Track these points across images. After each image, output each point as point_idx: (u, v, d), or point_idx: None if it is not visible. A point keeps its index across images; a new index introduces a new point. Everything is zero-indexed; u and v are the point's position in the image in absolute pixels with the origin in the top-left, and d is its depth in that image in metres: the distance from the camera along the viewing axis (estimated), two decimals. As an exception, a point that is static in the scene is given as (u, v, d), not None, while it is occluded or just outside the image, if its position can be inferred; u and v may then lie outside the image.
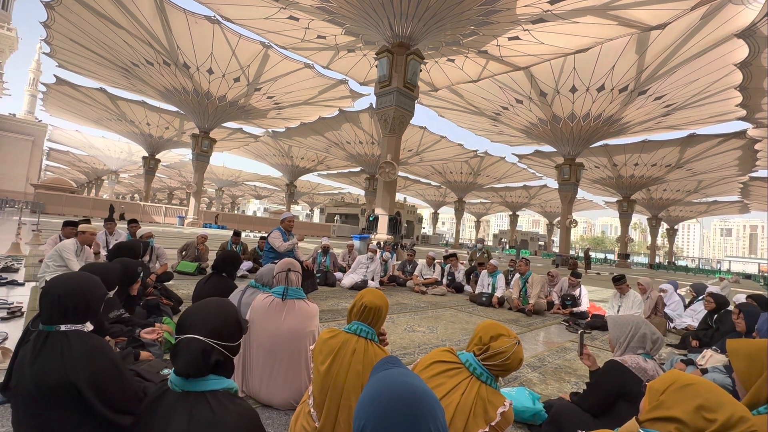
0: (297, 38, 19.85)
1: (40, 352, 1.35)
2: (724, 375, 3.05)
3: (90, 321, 1.51)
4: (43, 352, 1.35)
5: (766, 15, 13.55)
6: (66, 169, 67.95)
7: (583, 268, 21.49)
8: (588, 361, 2.17)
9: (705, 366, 3.34)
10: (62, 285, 1.45)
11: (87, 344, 1.40)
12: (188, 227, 28.36)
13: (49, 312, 1.40)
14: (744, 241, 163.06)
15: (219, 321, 1.17)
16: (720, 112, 22.16)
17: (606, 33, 16.79)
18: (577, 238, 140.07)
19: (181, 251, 7.32)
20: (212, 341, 1.13)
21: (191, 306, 1.28)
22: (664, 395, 1.08)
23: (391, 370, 0.80)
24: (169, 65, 23.46)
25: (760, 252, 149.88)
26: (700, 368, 3.30)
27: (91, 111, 33.58)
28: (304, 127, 34.03)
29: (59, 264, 4.31)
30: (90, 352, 1.38)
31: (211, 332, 1.14)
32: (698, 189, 38.34)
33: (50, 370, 1.32)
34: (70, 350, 1.35)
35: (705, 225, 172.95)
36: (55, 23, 20.02)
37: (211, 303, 1.25)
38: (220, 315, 1.18)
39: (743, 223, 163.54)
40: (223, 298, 1.30)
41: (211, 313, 1.20)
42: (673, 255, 57.42)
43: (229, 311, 1.21)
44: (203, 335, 1.13)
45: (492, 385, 1.52)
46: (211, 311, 1.21)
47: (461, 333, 4.37)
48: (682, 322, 5.67)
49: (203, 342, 1.12)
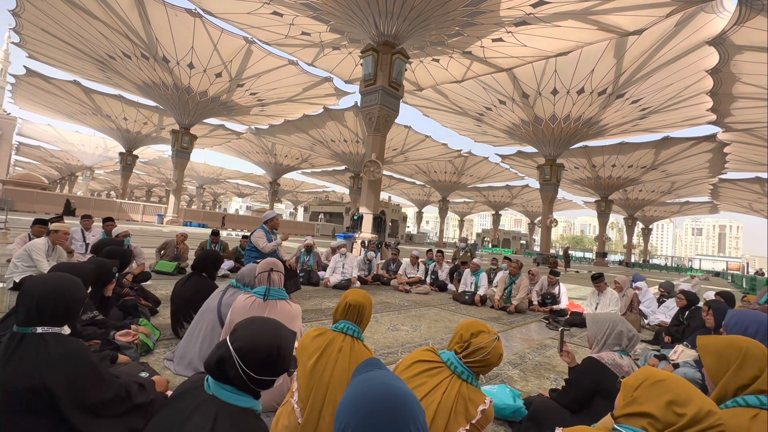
0: (281, 34, 19.57)
1: (13, 354, 1.30)
2: (694, 369, 3.17)
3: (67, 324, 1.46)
4: (17, 354, 1.30)
5: (736, 23, 14.16)
6: (37, 165, 65.14)
7: (562, 267, 22.01)
8: (567, 358, 2.23)
9: (677, 361, 3.47)
10: (42, 285, 1.40)
11: (64, 347, 1.35)
12: (168, 225, 27.63)
13: (26, 313, 1.35)
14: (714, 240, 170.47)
15: (251, 344, 1.09)
16: (692, 116, 23.06)
17: (586, 37, 17.22)
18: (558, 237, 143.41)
19: (159, 250, 7.13)
20: (236, 358, 1.07)
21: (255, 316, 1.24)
22: (637, 391, 1.12)
23: (372, 372, 0.80)
24: (147, 59, 22.76)
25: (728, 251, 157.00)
26: (672, 363, 3.42)
27: (65, 104, 32.25)
28: (288, 125, 33.63)
29: (28, 264, 4.13)
30: (68, 355, 1.34)
31: (239, 349, 1.08)
32: (671, 190, 39.85)
33: (24, 373, 1.26)
34: (47, 353, 1.30)
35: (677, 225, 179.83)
36: (25, 12, 19.12)
37: (259, 323, 1.18)
38: (255, 341, 1.10)
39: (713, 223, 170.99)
40: (283, 330, 1.19)
41: (252, 333, 1.13)
42: (648, 253, 59.47)
43: (268, 343, 1.11)
44: (234, 347, 1.08)
45: (473, 383, 1.53)
46: (254, 332, 1.13)
47: (444, 331, 4.41)
48: (656, 319, 5.89)
49: (229, 351, 1.08)
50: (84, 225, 6.01)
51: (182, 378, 2.41)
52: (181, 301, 3.19)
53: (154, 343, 2.96)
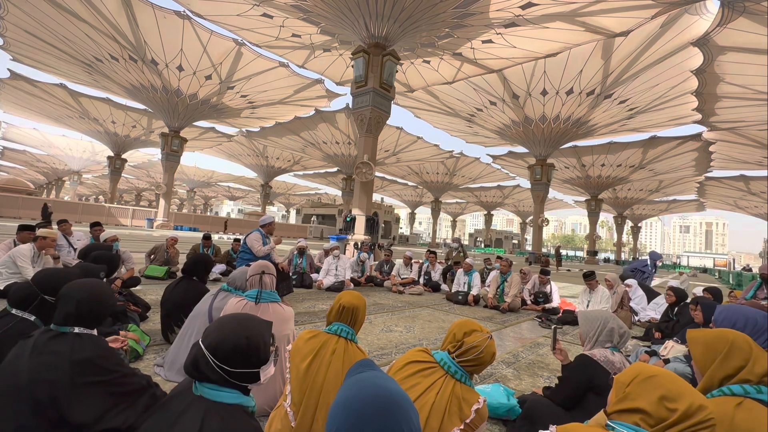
0: (271, 36, 19.48)
1: (45, 346, 1.41)
2: (684, 364, 3.22)
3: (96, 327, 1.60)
4: (50, 347, 1.41)
5: (718, 25, 14.48)
6: (23, 170, 63.79)
7: (554, 266, 22.20)
8: (560, 356, 2.24)
9: (667, 356, 3.52)
10: (82, 290, 1.54)
11: (97, 345, 1.49)
12: (158, 229, 27.27)
13: (65, 314, 1.47)
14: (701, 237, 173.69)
15: (218, 338, 1.11)
16: (678, 116, 23.49)
17: (574, 38, 17.45)
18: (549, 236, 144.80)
19: (149, 254, 7.03)
20: (208, 354, 1.08)
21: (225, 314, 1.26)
22: (629, 387, 1.12)
23: (364, 373, 0.79)
24: (135, 61, 22.47)
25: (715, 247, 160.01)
26: (663, 359, 3.47)
27: (51, 108, 31.66)
28: (280, 127, 33.46)
29: (13, 271, 4.04)
30: (102, 354, 1.47)
31: (208, 346, 1.09)
32: (659, 188, 40.53)
33: (54, 365, 1.36)
34: (82, 350, 1.43)
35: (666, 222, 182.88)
36: (8, 13, 18.73)
37: (226, 319, 1.20)
38: (222, 334, 1.12)
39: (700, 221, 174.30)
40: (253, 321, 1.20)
41: (219, 328, 1.14)
42: (638, 251, 60.33)
43: (233, 334, 1.12)
44: (204, 344, 1.10)
45: (466, 382, 1.53)
46: (221, 326, 1.15)
47: (438, 332, 4.41)
48: (646, 315, 5.96)
49: (201, 350, 1.09)
50: (63, 230, 5.89)
51: (173, 384, 2.37)
52: (172, 305, 3.15)
53: (144, 348, 2.90)
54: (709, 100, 19.34)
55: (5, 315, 1.88)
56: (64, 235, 5.86)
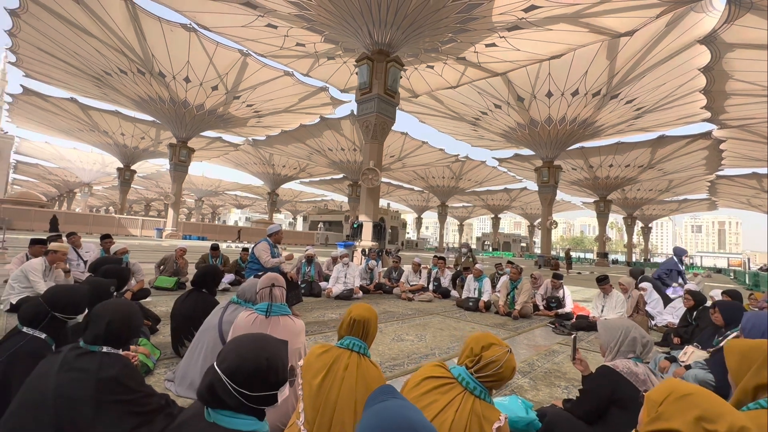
0: (276, 46, 19.71)
1: (74, 363, 1.44)
2: (705, 371, 3.12)
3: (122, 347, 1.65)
4: (78, 364, 1.44)
5: (725, 22, 14.30)
6: (35, 183, 65.08)
7: (564, 269, 21.91)
8: (580, 366, 2.16)
9: (687, 362, 3.41)
10: (115, 311, 1.59)
11: (124, 365, 1.52)
12: (167, 239, 27.52)
13: (95, 334, 1.52)
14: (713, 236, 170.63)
15: (236, 362, 1.06)
16: (687, 114, 23.19)
17: (578, 40, 17.37)
18: (558, 239, 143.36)
19: (159, 265, 7.06)
20: (225, 379, 1.03)
21: (240, 335, 1.21)
22: (662, 406, 1.06)
23: (388, 402, 0.75)
24: (143, 74, 22.88)
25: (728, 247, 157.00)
26: (683, 365, 3.37)
27: (62, 122, 32.34)
28: (285, 135, 33.74)
29: (25, 285, 4.07)
30: (128, 374, 1.51)
31: (226, 370, 1.05)
32: (669, 188, 39.95)
33: (80, 383, 1.40)
34: (109, 369, 1.46)
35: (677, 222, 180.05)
36: (21, 31, 19.25)
37: (241, 340, 1.15)
38: (240, 357, 1.07)
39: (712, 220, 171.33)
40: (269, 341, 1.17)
41: (235, 350, 1.10)
42: (649, 252, 59.42)
43: (252, 356, 1.08)
44: (221, 369, 1.05)
45: (486, 399, 1.48)
46: (237, 349, 1.10)
47: (450, 340, 4.33)
48: (663, 320, 5.81)
49: (217, 375, 1.04)
50: (73, 242, 5.92)
51: (184, 399, 2.34)
52: (182, 318, 3.13)
53: (155, 363, 2.88)
54: (718, 98, 19.06)
55: (16, 333, 1.87)
56: (73, 248, 5.90)
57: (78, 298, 1.98)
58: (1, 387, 1.72)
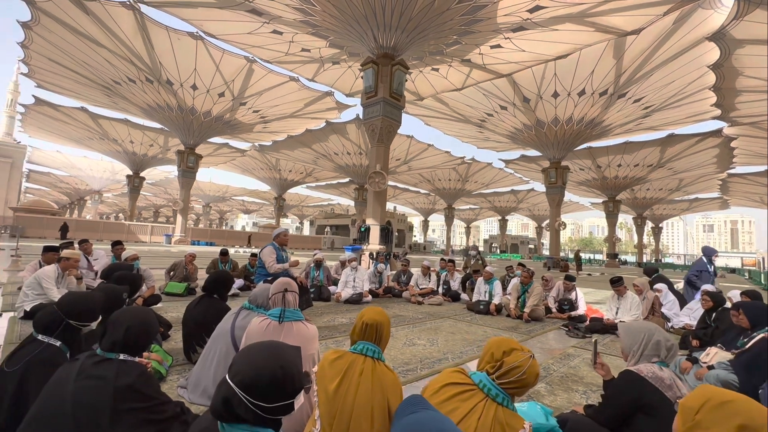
0: (281, 52, 19.87)
1: (91, 371, 1.45)
2: (728, 371, 3.04)
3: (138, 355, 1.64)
4: (95, 372, 1.45)
5: (735, 18, 14.09)
6: (47, 191, 66.25)
7: (574, 270, 21.65)
8: (602, 371, 2.10)
9: (711, 363, 3.32)
10: (132, 318, 1.59)
11: (140, 372, 1.53)
12: (176, 245, 27.76)
13: (113, 341, 1.52)
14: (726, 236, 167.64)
15: (251, 374, 1.02)
16: (696, 112, 22.86)
17: (584, 39, 17.25)
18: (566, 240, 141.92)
19: (169, 271, 7.09)
20: (241, 393, 0.99)
21: (249, 345, 1.16)
22: (700, 414, 1.01)
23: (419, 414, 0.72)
24: (151, 82, 23.21)
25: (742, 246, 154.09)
26: (706, 365, 3.28)
27: (72, 131, 32.92)
28: (291, 140, 33.94)
29: (38, 293, 4.10)
30: (145, 381, 1.51)
31: (240, 383, 1.00)
32: (680, 187, 39.36)
33: (97, 390, 1.40)
34: (125, 376, 1.46)
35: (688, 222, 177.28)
36: (33, 43, 19.66)
37: (253, 350, 1.11)
38: (255, 368, 1.02)
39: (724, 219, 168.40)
40: (281, 348, 1.13)
41: (249, 362, 1.05)
42: (660, 252, 58.52)
43: (267, 366, 1.03)
44: (235, 382, 1.01)
45: (508, 406, 1.43)
46: (250, 360, 1.06)
47: (462, 344, 4.27)
48: (680, 321, 5.67)
49: (231, 389, 1.00)
50: (84, 250, 5.99)
51: (197, 407, 2.32)
52: (193, 324, 3.12)
53: (167, 369, 2.87)
54: (728, 95, 18.77)
55: (32, 341, 1.87)
56: (84, 256, 5.95)
57: (92, 306, 1.98)
58: (18, 395, 1.71)
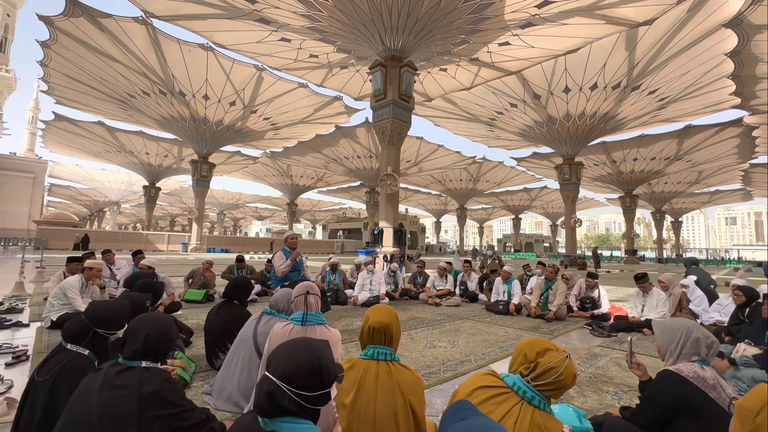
0: (290, 59, 20.10)
1: (115, 380, 1.44)
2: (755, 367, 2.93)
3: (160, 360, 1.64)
4: (119, 381, 1.44)
5: (752, 3, 13.66)
6: (68, 204, 68.32)
7: (592, 267, 21.20)
8: (638, 371, 2.02)
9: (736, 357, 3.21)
10: (150, 325, 1.58)
11: (165, 378, 1.51)
12: (192, 253, 28.23)
13: (134, 350, 1.51)
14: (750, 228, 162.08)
15: (291, 366, 1.06)
16: (714, 102, 22.21)
17: (594, 32, 16.95)
18: (582, 237, 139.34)
19: (187, 279, 7.19)
20: (283, 385, 1.03)
21: (282, 342, 1.22)
22: (760, 417, 0.95)
23: (471, 420, 0.68)
24: (165, 94, 23.75)
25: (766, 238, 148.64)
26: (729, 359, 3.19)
27: (91, 144, 33.91)
28: (302, 146, 34.25)
29: (64, 303, 4.19)
30: (169, 388, 1.49)
31: (282, 376, 1.04)
32: (699, 179, 38.23)
33: (123, 399, 1.39)
34: (150, 384, 1.45)
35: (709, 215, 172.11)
36: (52, 61, 20.34)
37: (289, 345, 1.16)
38: (294, 360, 1.07)
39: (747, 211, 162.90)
40: (313, 341, 1.19)
41: (286, 355, 1.10)
42: (680, 247, 56.89)
43: (306, 357, 1.09)
44: (276, 376, 1.05)
45: (545, 409, 1.38)
46: (288, 353, 1.11)
47: (484, 345, 4.19)
48: (710, 318, 5.45)
49: (273, 383, 1.04)
50: (107, 260, 6.16)
51: (222, 413, 2.32)
52: (215, 330, 3.13)
53: (191, 376, 2.89)
54: (747, 83, 18.21)
55: (61, 350, 1.89)
56: (107, 265, 6.09)
57: (119, 314, 1.99)
58: (49, 404, 1.73)
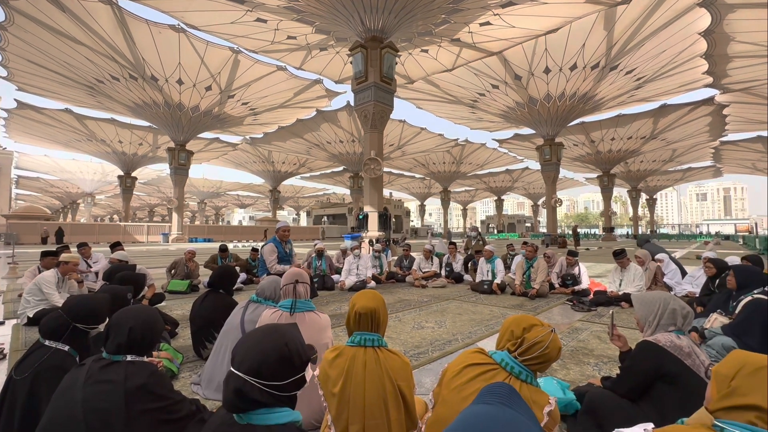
0: (267, 41, 19.41)
1: (99, 375, 1.40)
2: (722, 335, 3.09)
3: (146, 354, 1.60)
4: (104, 375, 1.40)
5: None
6: (38, 196, 65.34)
7: (572, 246, 21.83)
8: (619, 342, 2.10)
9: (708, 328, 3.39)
10: (134, 317, 1.53)
11: (150, 372, 1.48)
12: (174, 243, 27.62)
13: (117, 343, 1.47)
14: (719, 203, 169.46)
15: (258, 357, 1.02)
16: (688, 81, 22.76)
17: (574, 11, 16.98)
18: (562, 216, 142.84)
19: (170, 270, 7.03)
20: (251, 379, 0.99)
21: (242, 336, 1.18)
22: (735, 381, 1.00)
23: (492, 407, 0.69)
24: (136, 79, 22.66)
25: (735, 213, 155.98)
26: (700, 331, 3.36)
27: (59, 133, 32.24)
28: (283, 131, 33.54)
29: (40, 298, 4.05)
30: (156, 381, 1.47)
31: (249, 370, 1.00)
32: (673, 157, 39.51)
33: (108, 394, 1.36)
34: (136, 377, 1.42)
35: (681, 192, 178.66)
36: (10, 45, 19.02)
37: (253, 336, 1.11)
38: (260, 351, 1.03)
39: (716, 187, 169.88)
40: (279, 327, 1.14)
41: (252, 347, 1.05)
42: (655, 224, 59.11)
43: (272, 346, 1.05)
44: (242, 371, 1.00)
45: (532, 383, 1.42)
46: (253, 345, 1.06)
47: (470, 324, 4.29)
48: (683, 290, 5.73)
49: (240, 379, 1.00)
50: (83, 254, 5.98)
51: (212, 402, 2.31)
52: (201, 320, 3.09)
53: (178, 367, 2.85)
54: (719, 62, 18.66)
55: (39, 347, 1.83)
56: (84, 259, 5.90)
57: (98, 308, 1.93)
58: (30, 402, 1.68)
